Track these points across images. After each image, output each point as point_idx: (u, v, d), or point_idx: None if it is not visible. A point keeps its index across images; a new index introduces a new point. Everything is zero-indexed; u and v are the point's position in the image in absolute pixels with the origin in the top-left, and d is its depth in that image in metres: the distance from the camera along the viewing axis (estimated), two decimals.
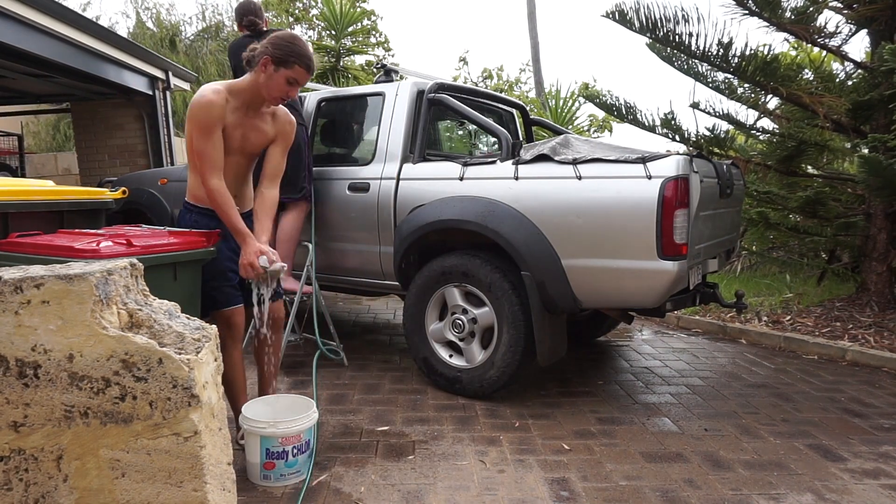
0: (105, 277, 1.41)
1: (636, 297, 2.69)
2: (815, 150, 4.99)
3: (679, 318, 4.78)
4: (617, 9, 4.70)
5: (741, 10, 4.59)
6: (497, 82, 13.23)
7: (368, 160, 3.46)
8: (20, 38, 4.66)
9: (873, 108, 4.46)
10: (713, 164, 3.06)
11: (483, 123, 3.25)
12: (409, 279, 3.30)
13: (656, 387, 3.32)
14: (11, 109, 8.35)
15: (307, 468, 2.23)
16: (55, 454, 1.41)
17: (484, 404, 2.98)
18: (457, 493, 2.13)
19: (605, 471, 2.32)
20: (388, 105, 3.45)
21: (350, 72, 8.42)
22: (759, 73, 4.56)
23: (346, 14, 8.48)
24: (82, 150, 7.43)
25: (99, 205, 3.31)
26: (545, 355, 2.85)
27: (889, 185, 4.02)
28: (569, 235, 2.73)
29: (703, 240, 2.86)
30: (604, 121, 9.74)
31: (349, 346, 3.92)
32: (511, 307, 2.87)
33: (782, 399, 3.13)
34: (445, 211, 3.03)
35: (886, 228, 4.61)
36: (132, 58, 6.30)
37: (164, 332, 1.49)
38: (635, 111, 5.23)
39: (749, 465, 2.38)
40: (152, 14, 12.62)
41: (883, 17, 4.43)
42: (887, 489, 2.20)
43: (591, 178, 2.71)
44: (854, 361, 3.81)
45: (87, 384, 1.38)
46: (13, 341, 1.36)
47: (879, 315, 4.43)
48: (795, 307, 4.87)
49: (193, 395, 1.38)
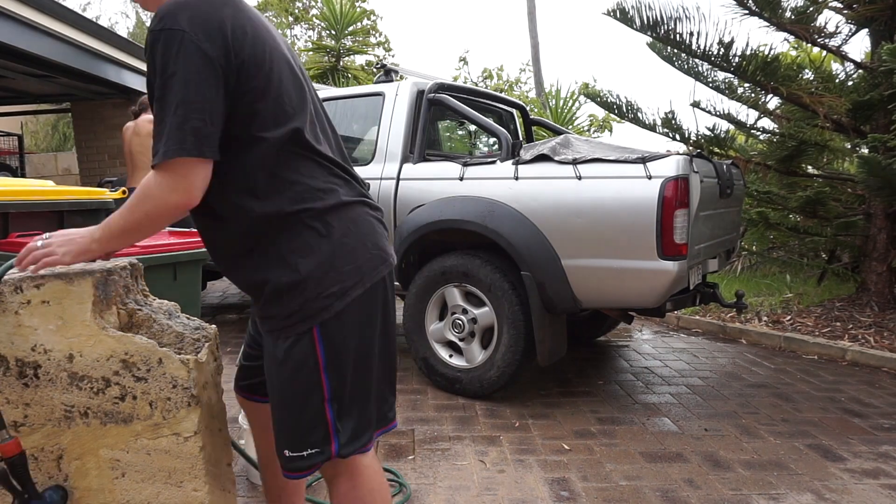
0: (105, 277, 1.41)
1: (636, 297, 2.69)
2: (815, 150, 4.99)
3: (679, 318, 4.78)
4: (618, 7, 4.70)
5: (741, 10, 4.59)
6: (497, 82, 13.23)
7: (368, 160, 3.46)
8: (20, 38, 4.66)
9: (873, 108, 4.46)
10: (713, 164, 3.06)
11: (483, 123, 3.25)
12: (409, 279, 3.30)
13: (656, 387, 3.32)
14: (11, 109, 8.35)
15: None
16: (55, 454, 1.41)
17: (484, 404, 2.98)
18: (457, 493, 2.13)
19: (605, 471, 2.32)
20: (388, 105, 3.45)
21: (350, 72, 8.42)
22: (760, 72, 4.56)
23: (346, 14, 8.48)
24: (82, 150, 7.44)
25: (99, 205, 3.31)
26: (545, 355, 2.85)
27: (889, 185, 4.02)
28: (569, 235, 2.73)
29: (703, 240, 2.86)
30: (604, 121, 9.74)
31: None
32: (511, 307, 2.87)
33: (782, 399, 3.13)
34: (445, 211, 3.03)
35: (886, 228, 4.61)
36: (132, 58, 6.30)
37: (164, 332, 1.49)
38: (636, 109, 5.23)
39: (749, 465, 2.38)
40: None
41: (883, 17, 4.43)
42: (887, 489, 2.20)
43: (591, 178, 2.71)
44: (854, 361, 3.81)
45: (87, 384, 1.38)
46: (13, 341, 1.36)
47: (879, 315, 4.43)
48: (795, 307, 4.87)
49: (193, 395, 1.38)
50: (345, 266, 1.22)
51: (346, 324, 1.22)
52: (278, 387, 1.24)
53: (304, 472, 1.26)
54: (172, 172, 1.12)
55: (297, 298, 1.20)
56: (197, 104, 1.10)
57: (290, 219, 1.21)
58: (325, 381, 1.22)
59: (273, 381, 1.25)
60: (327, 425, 1.23)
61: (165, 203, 1.14)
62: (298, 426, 1.23)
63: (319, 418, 1.23)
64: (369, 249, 1.26)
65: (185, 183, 1.12)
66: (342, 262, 1.22)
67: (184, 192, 1.13)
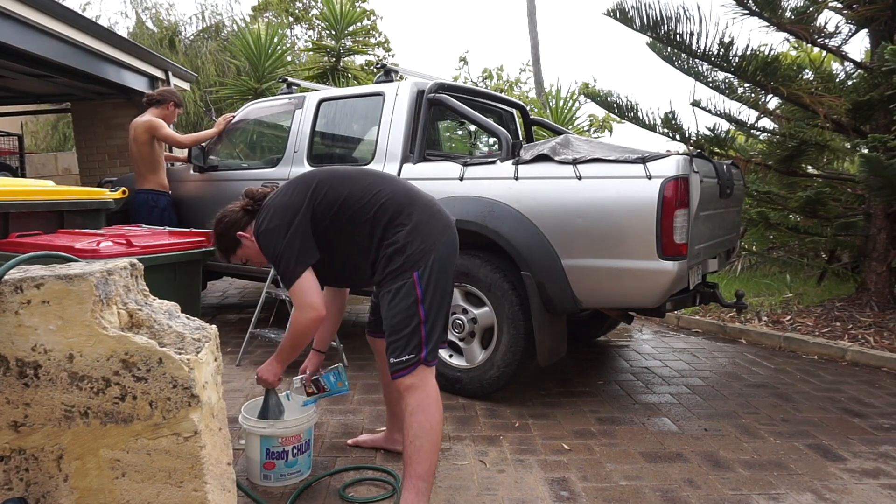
0: (105, 277, 1.41)
1: (636, 297, 2.69)
2: (815, 150, 4.99)
3: (679, 318, 4.78)
4: (618, 7, 4.70)
5: (741, 10, 4.60)
6: (497, 82, 13.23)
7: (368, 160, 3.45)
8: (20, 38, 4.66)
9: (873, 108, 4.46)
10: (713, 164, 3.06)
11: (483, 123, 3.25)
12: None
13: (656, 387, 3.32)
14: (11, 109, 8.35)
15: (307, 468, 2.23)
16: (55, 454, 1.41)
17: (484, 404, 2.98)
18: (457, 493, 2.13)
19: (605, 471, 2.32)
20: (388, 105, 3.45)
21: (350, 72, 8.41)
22: (760, 72, 4.56)
23: (346, 14, 8.47)
24: (82, 150, 7.43)
25: (99, 205, 3.31)
26: (545, 355, 2.85)
27: (889, 185, 4.02)
28: (569, 235, 2.73)
29: (703, 240, 2.86)
30: (604, 121, 9.75)
31: (349, 346, 3.92)
32: (511, 307, 2.87)
33: (782, 399, 3.13)
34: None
35: (886, 228, 4.61)
36: (132, 58, 6.30)
37: (164, 332, 1.49)
38: (636, 109, 5.23)
39: (749, 464, 2.38)
40: (152, 14, 12.61)
41: (883, 17, 4.43)
42: (887, 489, 2.20)
43: (591, 178, 2.71)
44: (854, 361, 3.81)
45: (87, 384, 1.38)
46: (13, 341, 1.37)
47: (879, 315, 4.43)
48: (795, 307, 4.87)
49: (193, 395, 1.38)
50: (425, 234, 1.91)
51: (434, 270, 1.88)
52: (390, 316, 1.88)
53: (404, 371, 1.84)
54: None
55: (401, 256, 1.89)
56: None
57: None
58: (421, 310, 1.86)
59: (386, 314, 1.90)
60: (421, 338, 1.85)
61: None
62: (402, 339, 1.85)
63: (416, 334, 1.85)
64: (436, 222, 1.95)
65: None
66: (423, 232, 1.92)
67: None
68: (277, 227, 1.90)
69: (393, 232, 1.91)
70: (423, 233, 1.91)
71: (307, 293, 1.89)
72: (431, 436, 1.84)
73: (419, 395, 1.86)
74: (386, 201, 1.94)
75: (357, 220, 1.94)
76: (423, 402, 1.85)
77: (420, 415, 1.84)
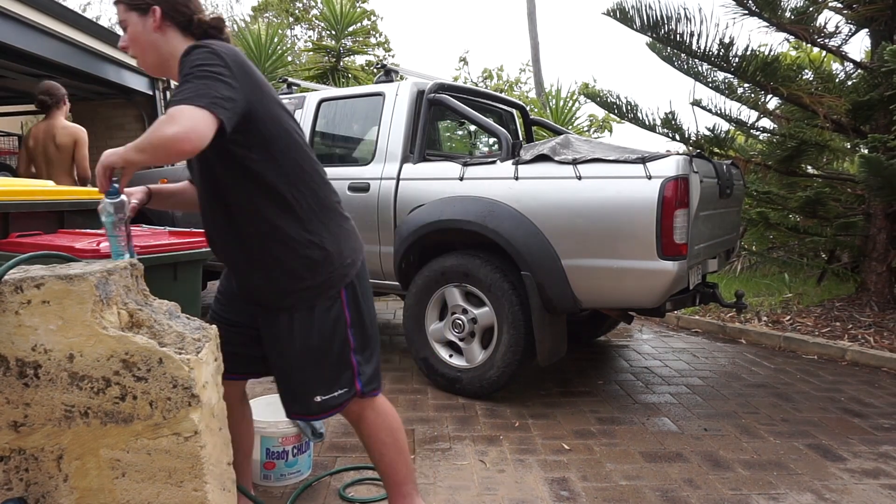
0: (105, 277, 1.41)
1: (636, 297, 2.70)
2: (815, 150, 4.99)
3: (679, 318, 4.78)
4: (618, 7, 4.70)
5: (741, 10, 4.60)
6: (497, 82, 13.24)
7: (368, 160, 3.46)
8: (20, 38, 4.66)
9: (873, 109, 4.46)
10: (713, 164, 3.06)
11: (483, 123, 3.25)
12: (409, 279, 3.30)
13: (656, 387, 3.32)
14: (11, 109, 8.35)
15: (307, 468, 2.23)
16: (55, 454, 1.41)
17: (484, 404, 2.98)
18: (457, 493, 2.13)
19: (605, 471, 2.32)
20: (388, 105, 3.45)
21: (350, 72, 8.42)
22: (760, 73, 4.56)
23: (346, 14, 8.48)
24: None
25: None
26: (545, 355, 2.86)
27: (889, 185, 4.02)
28: (569, 235, 2.73)
29: (703, 240, 2.86)
30: (604, 121, 9.74)
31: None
32: (511, 307, 2.87)
33: (782, 399, 3.14)
34: (445, 211, 3.03)
35: (886, 228, 4.61)
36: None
37: (164, 331, 1.49)
38: (636, 109, 5.23)
39: (749, 464, 2.38)
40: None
41: (883, 17, 4.43)
42: (887, 489, 2.20)
43: (591, 178, 2.71)
44: (854, 361, 3.81)
45: (87, 384, 1.38)
46: (13, 341, 1.37)
47: (879, 315, 4.43)
48: (795, 307, 4.87)
49: (194, 394, 1.38)
50: (352, 244, 1.63)
51: (360, 288, 1.63)
52: (303, 349, 1.58)
53: (335, 410, 1.63)
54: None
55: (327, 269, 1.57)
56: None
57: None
58: (350, 336, 1.61)
59: (296, 346, 1.58)
60: (353, 369, 1.62)
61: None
62: (330, 373, 1.60)
63: (347, 364, 1.61)
64: (357, 237, 1.69)
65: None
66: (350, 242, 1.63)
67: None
68: (222, 61, 1.39)
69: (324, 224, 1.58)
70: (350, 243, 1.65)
71: (196, 122, 1.29)
72: (396, 445, 1.73)
73: (371, 416, 1.71)
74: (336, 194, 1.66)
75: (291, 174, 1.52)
76: (379, 421, 1.72)
77: (377, 435, 1.72)
